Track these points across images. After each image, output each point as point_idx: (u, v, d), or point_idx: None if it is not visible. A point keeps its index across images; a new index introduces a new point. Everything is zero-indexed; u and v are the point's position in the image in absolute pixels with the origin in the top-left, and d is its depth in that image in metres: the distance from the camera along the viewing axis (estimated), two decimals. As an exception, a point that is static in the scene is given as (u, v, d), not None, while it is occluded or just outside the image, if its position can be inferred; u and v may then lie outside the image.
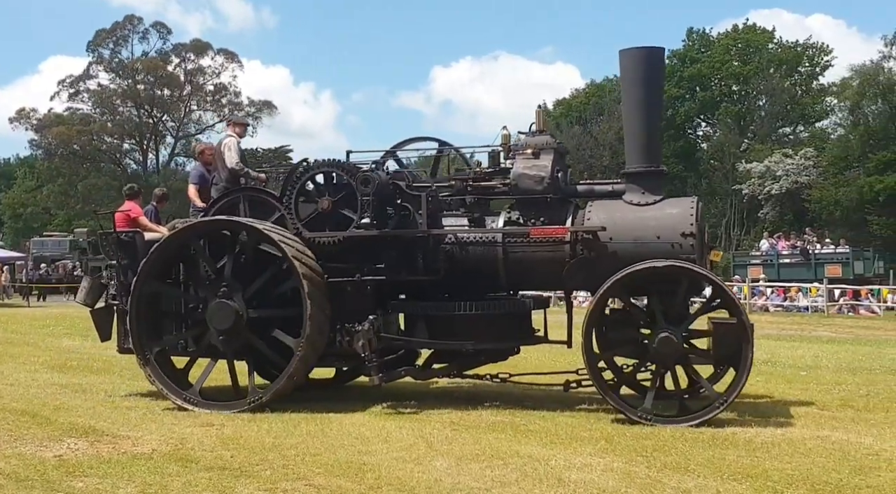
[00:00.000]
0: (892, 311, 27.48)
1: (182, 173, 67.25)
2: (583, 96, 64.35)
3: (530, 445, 7.23)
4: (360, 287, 9.10)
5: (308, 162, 9.43)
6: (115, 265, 9.85)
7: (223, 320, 8.96)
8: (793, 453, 6.88)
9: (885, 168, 45.77)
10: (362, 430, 7.82)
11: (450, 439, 7.44)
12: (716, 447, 7.13)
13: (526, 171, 9.02)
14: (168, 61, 67.44)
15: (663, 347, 8.16)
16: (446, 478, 6.13)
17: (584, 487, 5.90)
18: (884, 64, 48.40)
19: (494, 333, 9.10)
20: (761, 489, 5.85)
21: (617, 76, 64.66)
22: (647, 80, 9.06)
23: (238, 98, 67.85)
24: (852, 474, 6.20)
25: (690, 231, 8.56)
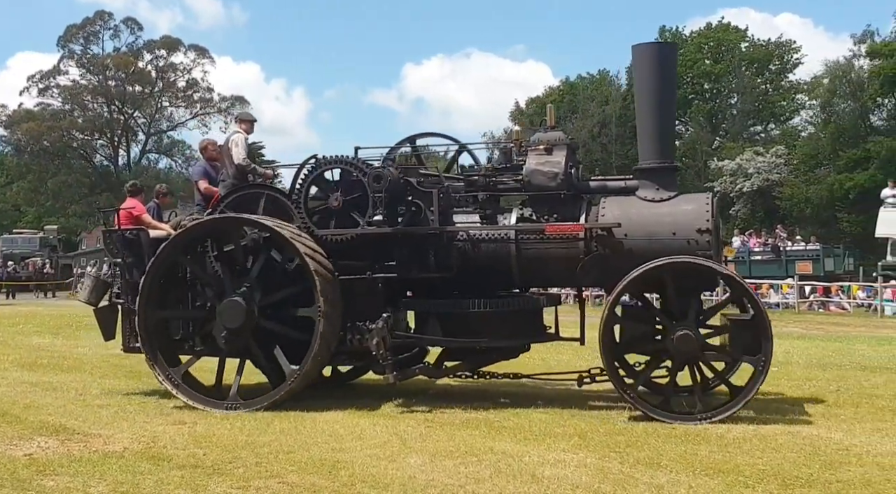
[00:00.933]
0: (861, 308, 27.77)
1: (153, 170, 66.86)
2: (556, 95, 64.52)
3: (504, 441, 7.24)
4: (371, 284, 9.02)
5: (317, 158, 9.27)
6: (119, 263, 9.71)
7: (233, 319, 8.86)
8: (764, 448, 6.94)
9: (854, 166, 46.28)
10: (336, 428, 7.79)
11: (424, 436, 7.44)
12: (688, 442, 7.17)
13: (539, 168, 8.96)
14: (139, 57, 66.90)
15: (682, 344, 8.11)
16: (420, 475, 6.12)
17: (558, 483, 5.92)
18: (854, 62, 48.98)
19: (508, 330, 9.03)
20: (733, 484, 5.89)
21: (590, 74, 65.32)
22: (660, 75, 9.01)
23: (210, 94, 67.49)
24: (822, 469, 6.26)
25: (707, 227, 8.52)
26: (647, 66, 9.08)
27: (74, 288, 46.58)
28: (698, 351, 8.22)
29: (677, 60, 9.32)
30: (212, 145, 10.96)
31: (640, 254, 8.42)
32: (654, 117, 9.07)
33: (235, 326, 8.86)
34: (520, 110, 67.53)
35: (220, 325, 8.90)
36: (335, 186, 9.13)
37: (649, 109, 9.12)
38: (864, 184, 44.16)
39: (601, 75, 64.81)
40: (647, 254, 8.36)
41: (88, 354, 14.15)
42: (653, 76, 9.03)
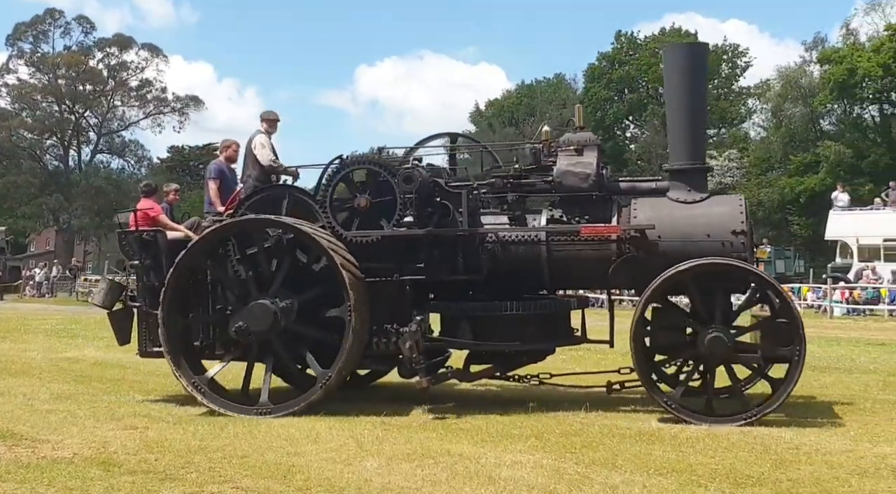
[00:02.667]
0: (811, 309, 28.25)
1: (105, 170, 65.87)
2: (514, 97, 64.86)
3: (461, 444, 7.23)
4: (399, 287, 8.90)
5: (342, 158, 9.10)
6: (136, 265, 9.49)
7: (260, 322, 8.69)
8: (716, 447, 7.02)
9: (805, 169, 47.15)
10: (291, 431, 7.73)
11: (380, 439, 7.41)
12: (643, 442, 7.23)
13: (571, 168, 8.89)
14: (90, 56, 65.86)
15: (714, 347, 8.09)
16: (376, 478, 6.09)
17: (514, 484, 5.92)
18: (805, 68, 49.88)
19: (540, 333, 8.94)
20: (686, 483, 5.95)
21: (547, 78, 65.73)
22: (691, 75, 8.93)
23: (164, 93, 66.64)
24: (773, 467, 6.35)
25: (741, 229, 8.51)
26: (677, 66, 9.00)
27: (23, 290, 45.77)
28: (730, 353, 8.18)
29: (708, 61, 9.22)
30: (235, 145, 10.67)
31: (674, 256, 8.36)
32: (685, 118, 9.01)
33: (263, 329, 8.70)
34: (479, 112, 67.75)
35: (247, 327, 8.70)
36: (361, 187, 8.98)
37: (680, 110, 9.05)
38: (814, 187, 45.03)
39: (557, 79, 65.27)
40: (681, 256, 8.30)
41: (37, 358, 13.89)
42: (683, 77, 8.93)
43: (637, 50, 59.48)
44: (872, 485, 5.84)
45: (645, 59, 57.84)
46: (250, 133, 10.12)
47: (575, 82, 64.35)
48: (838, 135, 48.17)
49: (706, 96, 9.41)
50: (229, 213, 9.49)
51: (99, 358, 13.94)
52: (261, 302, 8.70)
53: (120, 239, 9.74)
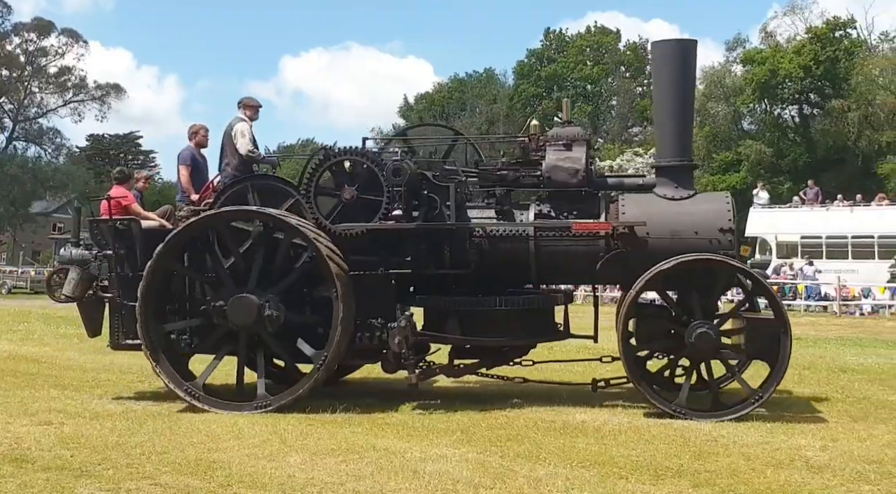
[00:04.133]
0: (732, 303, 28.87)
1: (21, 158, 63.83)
2: (445, 91, 64.95)
3: (387, 438, 7.21)
4: (384, 281, 8.76)
5: (327, 149, 8.89)
6: (109, 255, 9.11)
7: (243, 315, 8.47)
8: (638, 440, 7.13)
9: (727, 168, 48.29)
10: (213, 427, 7.60)
11: (304, 434, 7.34)
12: (566, 435, 7.30)
13: (559, 164, 8.83)
14: (7, 41, 63.73)
15: (701, 342, 8.14)
16: (300, 474, 6.03)
17: (439, 478, 5.92)
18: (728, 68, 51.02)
19: (527, 328, 8.90)
20: (608, 475, 6.02)
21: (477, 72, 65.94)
22: (680, 72, 8.93)
23: (84, 81, 64.85)
24: (692, 459, 6.48)
25: (729, 226, 8.57)
26: (666, 63, 9.00)
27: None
28: (716, 349, 8.26)
29: (696, 58, 9.18)
30: (203, 130, 10.33)
31: (662, 253, 8.37)
32: (673, 115, 9.02)
33: (247, 322, 8.50)
34: (409, 106, 67.69)
35: (232, 324, 8.52)
36: (347, 179, 8.79)
37: (667, 108, 9.05)
38: (735, 185, 46.11)
39: (487, 74, 65.57)
40: (669, 253, 8.32)
41: (-52, 352, 13.42)
42: (672, 73, 8.94)
43: (565, 48, 60.09)
44: (787, 476, 6.00)
45: (573, 57, 58.49)
46: (169, 123, 9.85)
47: (505, 77, 64.77)
48: (759, 135, 49.43)
49: (693, 94, 9.43)
50: (207, 203, 9.24)
51: (12, 352, 13.53)
52: (244, 295, 8.51)
53: (92, 227, 9.39)
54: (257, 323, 8.48)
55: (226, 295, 8.54)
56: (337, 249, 8.52)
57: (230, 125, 9.54)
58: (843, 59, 46.19)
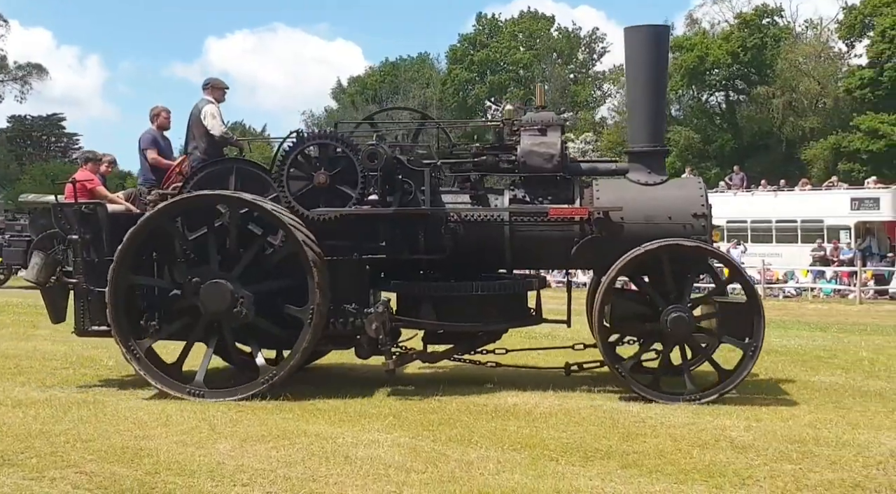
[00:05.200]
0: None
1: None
2: (378, 75, 64.58)
3: (318, 424, 7.18)
4: (358, 266, 8.62)
5: (300, 133, 8.73)
6: (74, 240, 8.79)
7: (218, 302, 8.27)
8: (568, 422, 7.23)
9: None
10: (140, 414, 7.48)
11: (234, 421, 7.26)
12: (498, 418, 7.36)
13: (535, 149, 8.78)
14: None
15: (676, 326, 8.19)
16: (229, 461, 5.98)
17: (371, 463, 5.93)
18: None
19: (501, 314, 8.85)
20: (538, 457, 6.10)
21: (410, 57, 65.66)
22: (653, 58, 8.92)
23: (5, 61, 62.73)
24: (621, 440, 6.59)
25: (702, 212, 8.61)
26: (639, 48, 8.98)
27: None
28: (690, 333, 8.32)
29: (669, 43, 9.15)
30: (165, 112, 10.02)
31: (637, 238, 8.40)
32: (645, 101, 9.00)
33: (220, 309, 8.30)
34: (341, 89, 67.14)
35: (206, 312, 8.34)
36: (318, 163, 8.60)
37: (641, 93, 9.04)
38: (663, 169, 46.68)
39: (420, 58, 65.38)
40: (643, 238, 8.35)
41: None
42: (645, 59, 8.91)
43: (498, 32, 60.20)
44: (712, 456, 6.14)
45: (505, 42, 58.61)
46: (92, 104, 9.56)
47: (439, 62, 64.68)
48: (687, 121, 50.23)
49: (666, 80, 9.44)
50: (176, 187, 9.00)
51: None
52: (217, 281, 8.33)
53: (55, 212, 9.08)
54: (226, 313, 8.34)
55: (202, 277, 8.36)
56: (310, 233, 8.41)
57: (197, 107, 9.31)
58: (770, 46, 47.18)
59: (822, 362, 11.01)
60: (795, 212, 28.71)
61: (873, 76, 39.81)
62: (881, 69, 39.40)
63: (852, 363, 10.95)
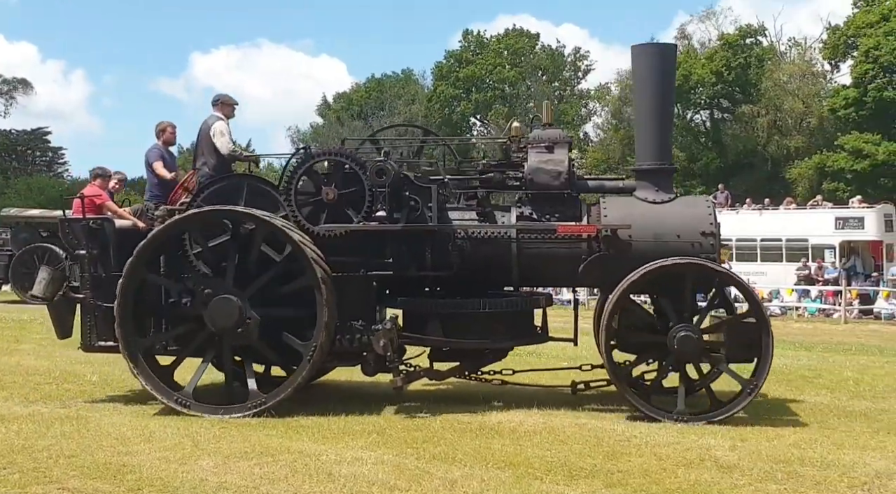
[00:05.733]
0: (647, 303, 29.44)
1: None
2: (363, 91, 64.68)
3: (301, 441, 7.14)
4: (365, 282, 8.59)
5: (308, 149, 8.72)
6: (82, 255, 8.74)
7: (225, 318, 8.22)
8: (553, 440, 7.21)
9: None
10: (123, 430, 7.43)
11: (217, 437, 7.22)
12: (482, 436, 7.34)
13: (542, 166, 8.76)
14: None
15: (684, 345, 8.15)
16: (212, 477, 5.94)
17: (354, 480, 5.90)
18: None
19: (509, 331, 8.80)
20: (523, 476, 6.08)
21: (395, 73, 65.75)
22: (660, 76, 8.94)
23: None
24: (605, 459, 6.58)
25: (711, 230, 8.58)
26: (646, 67, 9.01)
27: None
28: (699, 352, 8.30)
29: (676, 61, 9.18)
30: (171, 128, 10.06)
31: (645, 256, 8.37)
32: (653, 119, 9.03)
33: (229, 325, 8.25)
34: (327, 105, 67.20)
35: (212, 327, 8.29)
36: (326, 179, 8.60)
37: (648, 111, 9.07)
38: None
39: (405, 74, 65.53)
40: (651, 256, 8.33)
41: None
42: (652, 77, 8.96)
43: (483, 49, 60.43)
44: (697, 476, 6.14)
45: (491, 59, 58.83)
46: (76, 118, 9.57)
47: (424, 78, 64.86)
48: (672, 139, 50.51)
49: (673, 98, 9.44)
50: (184, 203, 8.98)
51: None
52: (225, 296, 8.29)
53: (63, 227, 9.04)
54: (231, 331, 8.30)
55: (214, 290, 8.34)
56: (318, 250, 8.39)
57: (207, 124, 9.31)
58: (754, 65, 47.53)
59: (807, 382, 11.04)
60: (780, 231, 28.85)
61: (857, 96, 40.12)
62: (865, 89, 39.70)
63: (837, 383, 10.98)
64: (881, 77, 39.21)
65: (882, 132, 39.41)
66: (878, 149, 38.40)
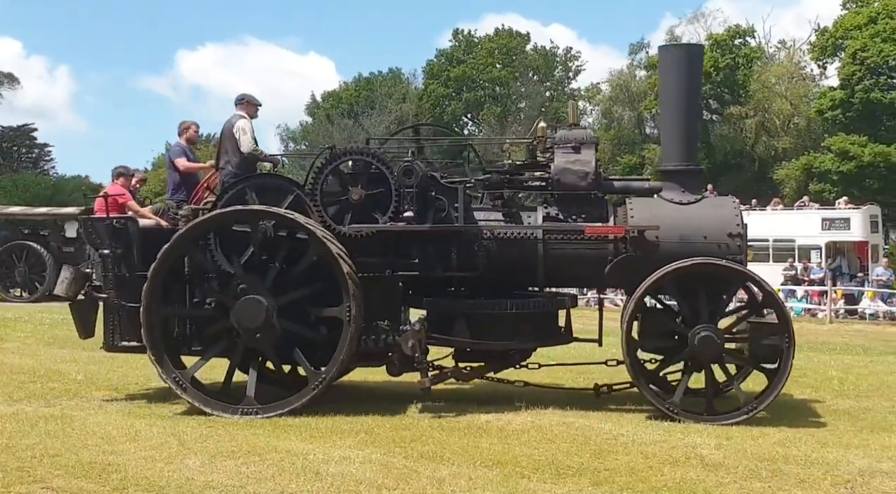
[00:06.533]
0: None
1: None
2: (352, 89, 64.60)
3: (289, 440, 7.13)
4: (391, 283, 8.59)
5: (333, 149, 8.71)
6: (105, 255, 8.70)
7: (252, 318, 8.22)
8: (541, 439, 7.22)
9: (631, 171, 49.18)
10: (108, 429, 7.39)
11: (204, 436, 7.19)
12: (471, 435, 7.35)
13: (569, 166, 8.72)
14: None
15: (704, 346, 8.15)
16: (199, 476, 5.92)
17: (342, 479, 5.89)
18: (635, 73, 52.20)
19: (535, 332, 8.77)
20: (510, 474, 6.08)
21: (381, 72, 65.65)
22: (687, 77, 8.92)
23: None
24: (592, 458, 6.59)
25: (738, 232, 8.56)
26: (672, 68, 9.01)
27: None
28: (719, 354, 8.28)
29: (703, 63, 9.17)
30: (195, 126, 10.09)
31: (671, 256, 8.35)
32: (679, 120, 9.00)
33: (254, 326, 8.24)
34: (316, 103, 67.07)
35: (242, 328, 8.28)
36: (353, 179, 8.57)
37: (675, 112, 9.04)
38: (639, 188, 47.00)
39: (393, 73, 65.46)
40: (678, 257, 8.32)
41: None
42: (679, 78, 8.95)
43: (474, 49, 60.46)
44: (683, 473, 6.16)
45: (482, 59, 58.86)
46: (61, 116, 9.56)
47: (415, 77, 64.81)
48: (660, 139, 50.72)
49: (700, 99, 9.40)
50: (209, 202, 8.96)
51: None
52: (253, 297, 8.27)
53: (86, 226, 8.98)
54: (261, 329, 8.28)
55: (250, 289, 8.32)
56: (344, 249, 8.37)
57: (230, 123, 9.30)
58: (742, 66, 47.70)
59: (792, 380, 10.95)
60: (767, 232, 28.97)
61: (844, 98, 40.31)
62: (852, 91, 39.89)
63: (821, 382, 11.04)
64: (868, 79, 39.41)
65: (868, 134, 39.61)
66: (865, 151, 38.57)
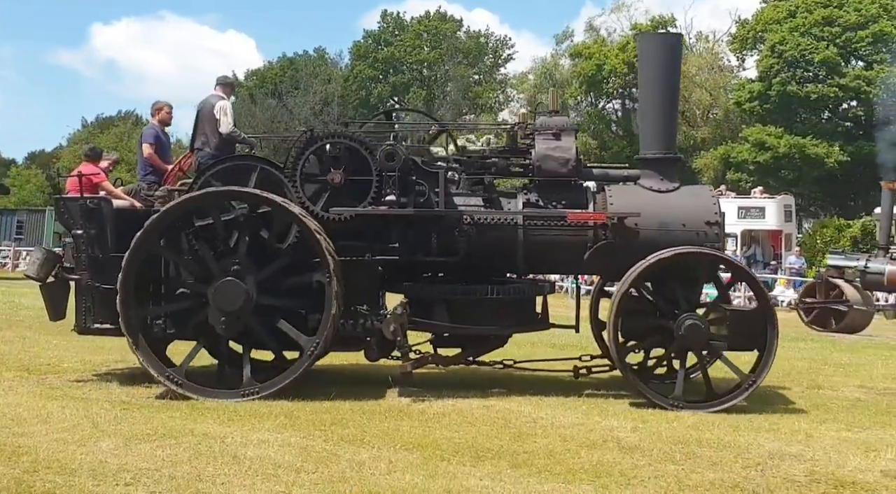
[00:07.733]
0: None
1: None
2: (277, 69, 63.67)
3: (206, 423, 7.03)
4: (370, 267, 8.44)
5: (313, 132, 8.51)
6: (77, 235, 8.38)
7: (230, 301, 7.97)
8: (461, 422, 7.27)
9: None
10: (18, 411, 7.19)
11: (118, 419, 7.05)
12: (391, 418, 7.35)
13: (550, 153, 8.70)
14: None
15: (691, 334, 8.19)
16: (112, 460, 5.81)
17: (260, 462, 5.84)
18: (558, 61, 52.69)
19: (514, 317, 8.78)
20: (430, 457, 6.11)
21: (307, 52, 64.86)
22: (666, 66, 8.92)
23: None
24: (512, 440, 6.67)
25: (716, 220, 8.61)
26: (652, 57, 9.02)
27: None
28: (705, 341, 8.32)
29: (682, 52, 9.18)
30: (168, 108, 9.81)
31: (651, 244, 8.40)
32: (658, 108, 9.04)
33: (234, 308, 8.01)
34: (239, 82, 65.94)
35: (216, 310, 8.03)
36: (333, 162, 8.38)
37: (653, 100, 9.05)
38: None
39: (318, 54, 64.74)
40: (657, 245, 8.36)
41: None
42: (658, 67, 8.95)
43: (403, 31, 60.16)
44: (599, 456, 6.27)
45: (410, 41, 58.61)
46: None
47: (341, 58, 64.19)
48: (585, 127, 51.28)
49: (678, 87, 9.49)
50: (185, 183, 8.71)
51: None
52: (230, 279, 8.07)
53: (58, 205, 8.64)
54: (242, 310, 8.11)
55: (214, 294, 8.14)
56: (326, 235, 8.24)
57: (210, 103, 9.10)
58: (665, 57, 48.55)
59: (707, 365, 11.34)
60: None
61: (762, 90, 41.27)
62: (770, 83, 40.86)
63: (735, 366, 11.31)
64: (785, 71, 40.40)
65: (784, 125, 40.66)
66: (780, 142, 39.61)
